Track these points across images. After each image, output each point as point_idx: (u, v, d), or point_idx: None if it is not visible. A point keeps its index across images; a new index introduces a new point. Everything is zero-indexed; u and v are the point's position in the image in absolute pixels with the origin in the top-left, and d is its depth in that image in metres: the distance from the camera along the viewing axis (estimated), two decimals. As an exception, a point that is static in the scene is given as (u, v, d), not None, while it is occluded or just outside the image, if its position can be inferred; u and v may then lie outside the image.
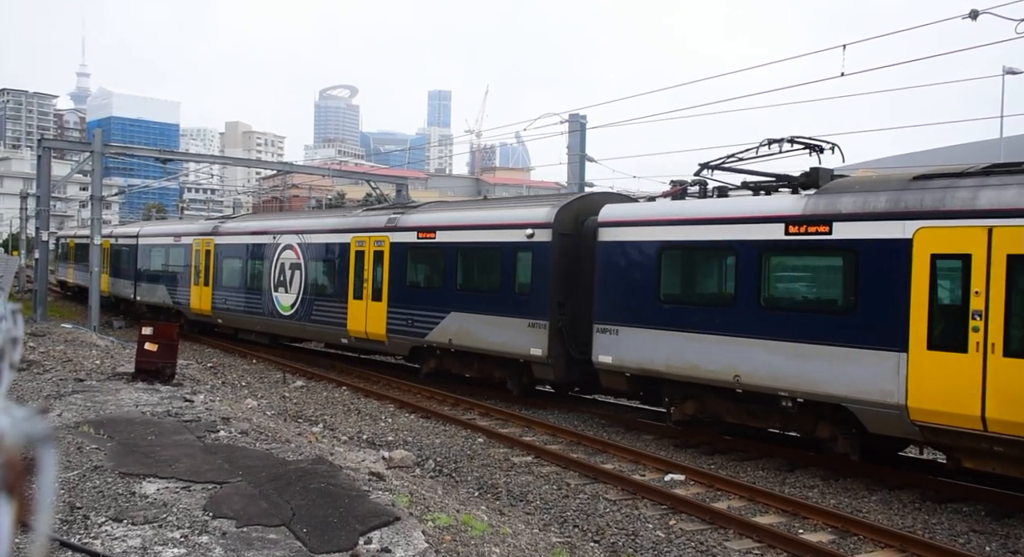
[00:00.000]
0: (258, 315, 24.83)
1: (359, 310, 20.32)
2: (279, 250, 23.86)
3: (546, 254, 15.95)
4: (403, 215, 19.72)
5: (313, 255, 22.49)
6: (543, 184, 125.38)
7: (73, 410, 12.09)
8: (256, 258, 25.08)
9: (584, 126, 34.25)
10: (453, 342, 17.68)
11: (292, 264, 23.13)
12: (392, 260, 19.49)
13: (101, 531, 6.81)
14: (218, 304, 27.03)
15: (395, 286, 19.38)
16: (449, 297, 17.91)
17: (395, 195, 37.12)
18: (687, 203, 13.96)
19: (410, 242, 19.10)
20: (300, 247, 22.94)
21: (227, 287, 26.61)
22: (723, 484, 11.36)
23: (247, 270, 25.60)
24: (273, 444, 10.81)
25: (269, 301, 24.12)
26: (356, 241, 20.66)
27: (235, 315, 26.33)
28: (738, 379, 12.44)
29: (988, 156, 23.60)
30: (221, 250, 27.16)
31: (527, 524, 9.66)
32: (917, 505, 10.68)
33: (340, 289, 21.11)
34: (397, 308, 19.22)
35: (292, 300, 23.02)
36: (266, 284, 24.27)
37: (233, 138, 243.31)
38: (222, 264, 26.99)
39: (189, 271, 28.90)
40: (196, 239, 28.82)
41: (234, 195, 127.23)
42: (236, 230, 27.07)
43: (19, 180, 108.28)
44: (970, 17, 15.68)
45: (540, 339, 15.80)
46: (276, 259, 23.89)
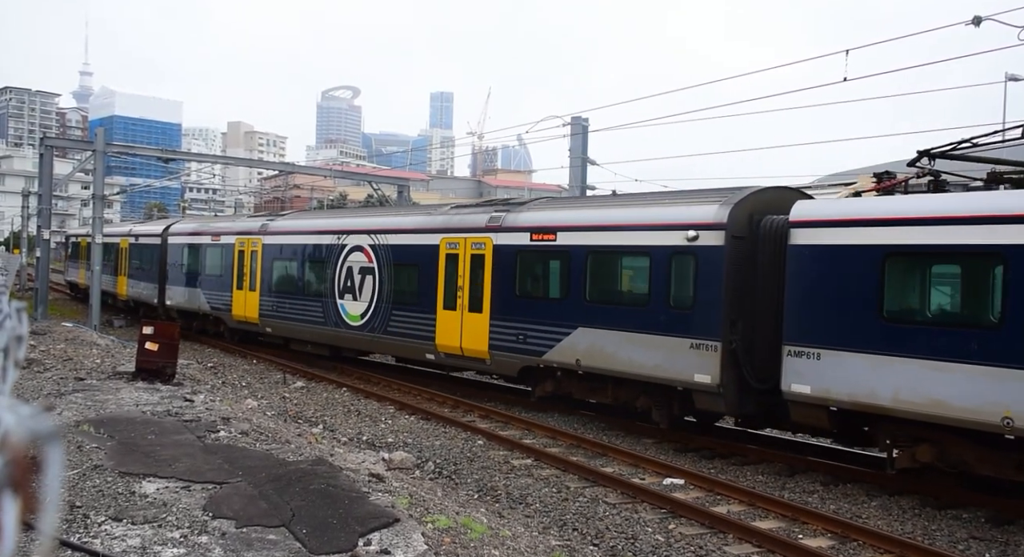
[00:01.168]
0: (317, 325, 22.05)
1: (451, 323, 17.68)
2: (346, 252, 21.08)
3: (716, 261, 13.20)
4: (509, 213, 16.98)
5: (391, 258, 19.73)
6: (545, 186, 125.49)
7: (73, 409, 12.09)
8: (315, 260, 22.32)
9: (586, 129, 34.30)
10: (582, 363, 14.92)
11: (363, 268, 20.41)
12: (496, 265, 16.80)
13: (101, 530, 6.81)
14: (266, 311, 24.23)
15: (500, 296, 16.71)
16: (577, 310, 15.17)
17: (396, 196, 37.16)
18: (925, 199, 11.42)
19: (521, 245, 16.40)
20: (374, 249, 20.14)
21: (278, 292, 23.87)
22: (723, 488, 11.35)
23: (303, 274, 22.88)
24: (273, 445, 10.80)
25: (332, 310, 21.38)
26: (447, 243, 17.97)
27: (287, 324, 23.47)
28: (1009, 422, 9.81)
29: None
30: (271, 251, 24.32)
31: (527, 527, 9.65)
32: (917, 511, 10.67)
33: (426, 298, 18.42)
34: (503, 321, 16.55)
35: (362, 309, 20.29)
36: (328, 290, 21.53)
37: (235, 138, 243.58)
38: (272, 266, 24.22)
39: (231, 274, 26.09)
40: (239, 238, 25.92)
41: (236, 195, 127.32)
42: (289, 229, 24.11)
43: (21, 178, 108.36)
44: (973, 23, 15.70)
45: (708, 363, 12.97)
46: (341, 262, 21.14)
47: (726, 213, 13.22)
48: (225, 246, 26.68)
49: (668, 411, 14.16)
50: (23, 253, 55.11)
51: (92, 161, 28.52)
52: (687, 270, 13.61)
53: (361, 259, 20.54)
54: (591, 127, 34.22)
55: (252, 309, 24.87)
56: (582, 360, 15.00)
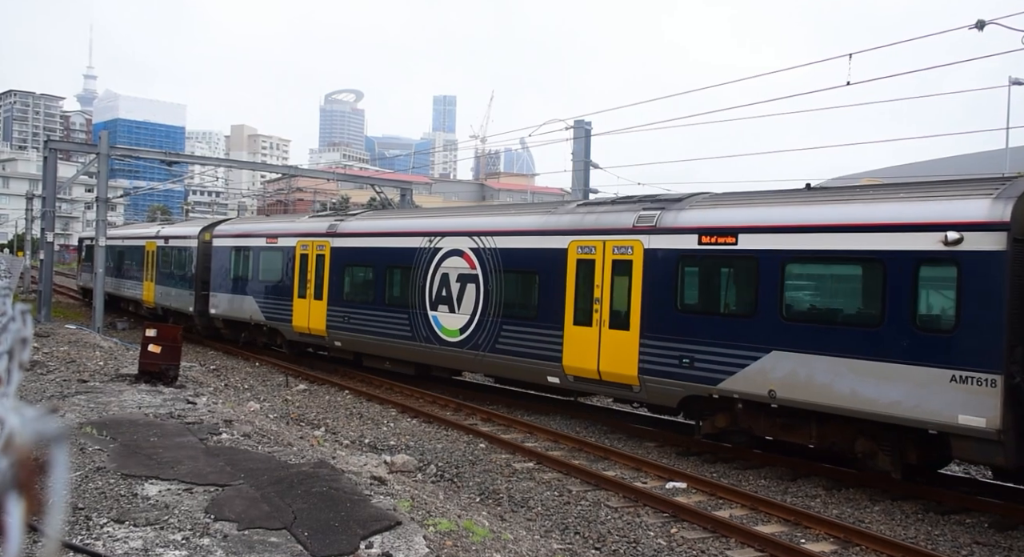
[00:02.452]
0: (401, 339, 19.42)
1: (584, 341, 15.08)
2: (440, 257, 18.48)
3: (992, 270, 10.42)
4: (666, 212, 14.28)
5: (500, 264, 17.02)
6: (547, 190, 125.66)
7: (76, 411, 12.11)
8: (399, 266, 19.76)
9: (589, 132, 34.33)
10: (777, 394, 12.15)
11: (463, 275, 17.80)
12: (649, 274, 14.12)
13: (103, 532, 6.82)
14: (336, 323, 21.54)
15: (655, 310, 14.00)
16: (770, 329, 12.46)
17: (399, 199, 37.20)
18: None
19: (685, 250, 13.74)
20: (477, 253, 17.52)
21: (351, 302, 21.22)
22: (725, 492, 11.34)
23: (384, 281, 20.25)
24: (275, 447, 10.81)
25: (421, 323, 18.81)
26: (578, 247, 15.36)
27: (362, 337, 20.78)
28: (773, 394, 9.89)
29: (994, 166, 23.56)
30: (342, 255, 21.73)
31: (528, 530, 9.65)
32: (920, 516, 10.65)
33: (549, 311, 15.78)
34: (660, 341, 13.88)
35: (461, 323, 17.67)
36: (416, 300, 18.97)
37: (238, 141, 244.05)
38: (343, 272, 21.66)
39: (291, 280, 23.38)
40: (302, 241, 23.19)
41: (239, 198, 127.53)
42: (364, 230, 21.46)
43: (25, 181, 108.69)
44: (977, 27, 15.70)
45: (981, 402, 10.19)
46: (435, 268, 18.56)
47: (1007, 209, 10.44)
48: (284, 249, 23.96)
49: (899, 458, 11.51)
50: (27, 256, 55.19)
51: (96, 164, 28.58)
52: (944, 282, 11.03)
53: (460, 265, 17.94)
54: (594, 131, 34.29)
55: (318, 320, 22.23)
56: (778, 391, 12.18)
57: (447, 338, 18.08)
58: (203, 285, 28.45)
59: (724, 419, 13.46)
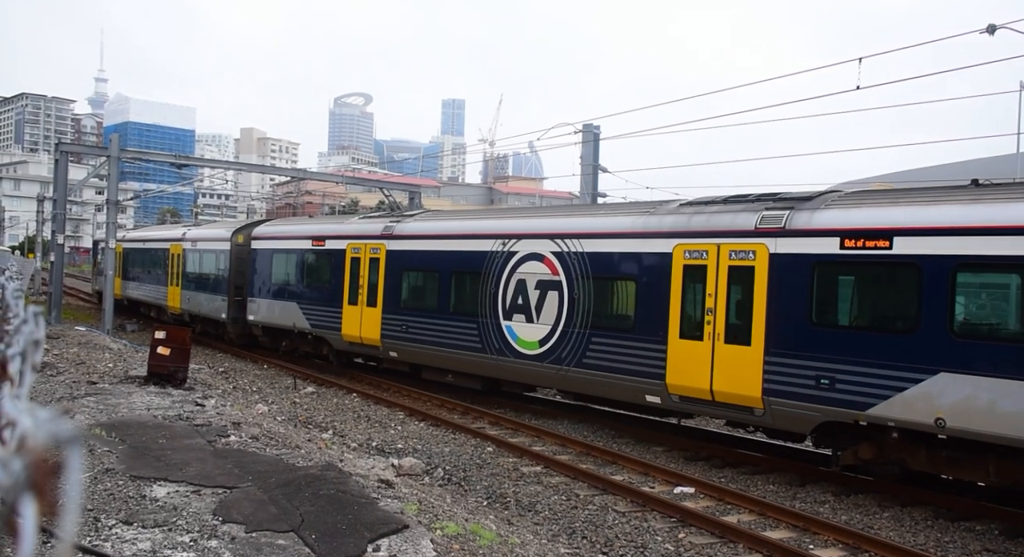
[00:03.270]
0: (468, 351, 17.78)
1: (693, 356, 13.46)
2: (515, 261, 16.82)
3: None
4: (795, 212, 12.63)
5: (588, 270, 15.36)
6: (556, 194, 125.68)
7: (85, 413, 12.16)
8: (466, 271, 18.13)
9: (597, 137, 34.36)
10: (947, 423, 10.56)
11: (543, 282, 16.13)
12: (776, 282, 12.44)
13: (111, 534, 6.84)
14: (392, 332, 19.89)
15: (783, 323, 12.40)
16: (938, 348, 10.88)
17: (408, 202, 37.25)
18: None
19: (822, 255, 12.17)
20: (560, 258, 15.85)
21: (410, 309, 19.58)
22: (733, 498, 11.30)
23: (448, 287, 18.61)
24: (283, 450, 10.83)
25: (493, 333, 17.14)
26: (685, 251, 13.73)
27: (421, 348, 19.11)
28: None
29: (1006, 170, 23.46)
30: (399, 259, 20.08)
31: (535, 534, 9.64)
32: (930, 523, 10.59)
33: (649, 323, 14.19)
34: (789, 358, 12.21)
35: (541, 334, 16.02)
36: (487, 309, 17.34)
37: (248, 144, 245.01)
38: (401, 278, 20.02)
39: (340, 286, 21.80)
40: (354, 243, 21.61)
41: (248, 201, 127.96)
42: (425, 232, 19.77)
43: (36, 184, 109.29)
44: (988, 31, 15.65)
45: None
46: (509, 273, 16.89)
47: None
48: (332, 252, 22.32)
49: None
50: (38, 258, 55.47)
51: (106, 167, 28.73)
52: None
53: (540, 270, 16.28)
54: (602, 135, 34.27)
55: (371, 329, 20.56)
56: (948, 419, 10.57)
57: (523, 351, 16.45)
58: (237, 290, 26.98)
59: (869, 449, 11.85)
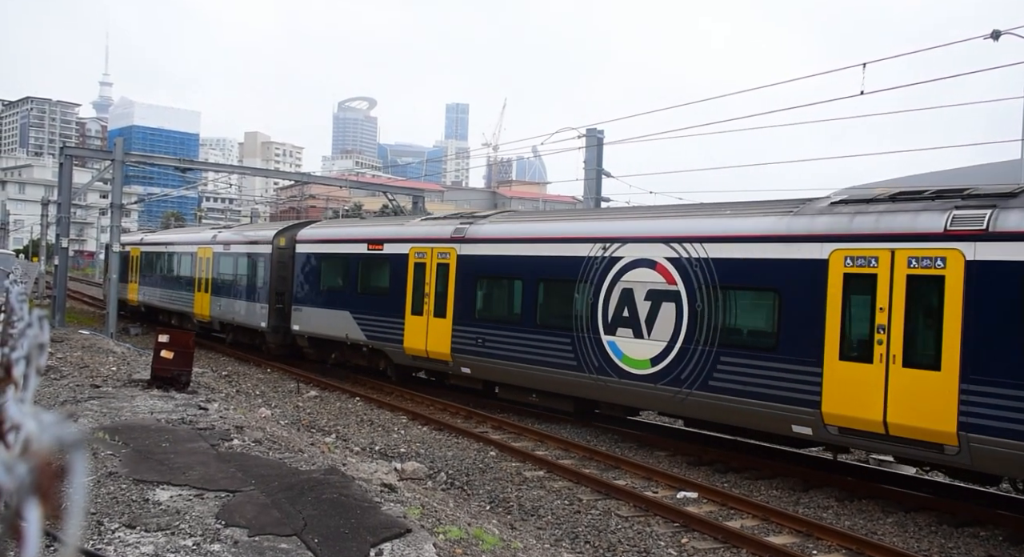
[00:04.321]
0: (560, 368, 15.76)
1: (860, 381, 11.47)
2: (619, 269, 14.85)
3: None
4: (1005, 211, 10.61)
5: (714, 278, 13.37)
6: (560, 198, 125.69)
7: (89, 416, 12.17)
8: (559, 278, 16.13)
9: (601, 141, 34.37)
10: None
11: (656, 292, 14.19)
12: (976, 293, 10.52)
13: (115, 537, 6.84)
14: (464, 345, 17.98)
15: (987, 343, 10.42)
16: None
17: (411, 206, 37.29)
18: None
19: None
20: (678, 264, 13.88)
21: (486, 321, 17.71)
22: (736, 502, 11.28)
23: (536, 297, 16.64)
24: (286, 453, 10.83)
25: (591, 349, 15.17)
26: (845, 257, 11.82)
27: (502, 364, 17.11)
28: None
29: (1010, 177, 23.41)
30: (473, 264, 18.07)
31: (538, 539, 9.63)
32: (933, 528, 10.57)
33: (798, 340, 12.22)
34: (998, 387, 10.22)
35: (654, 351, 14.09)
36: (583, 322, 15.35)
37: (252, 148, 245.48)
38: (475, 285, 18.10)
39: (402, 294, 19.87)
40: (418, 247, 19.65)
41: (252, 205, 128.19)
42: (507, 235, 17.73)
43: (41, 187, 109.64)
44: (992, 37, 15.65)
45: None
46: (611, 282, 14.91)
47: None
48: (393, 257, 20.38)
49: None
50: (42, 261, 55.62)
51: (111, 170, 28.80)
52: None
53: (651, 278, 14.31)
54: (606, 139, 34.28)
55: (439, 342, 18.62)
56: None
57: (630, 370, 14.46)
58: (278, 297, 25.07)
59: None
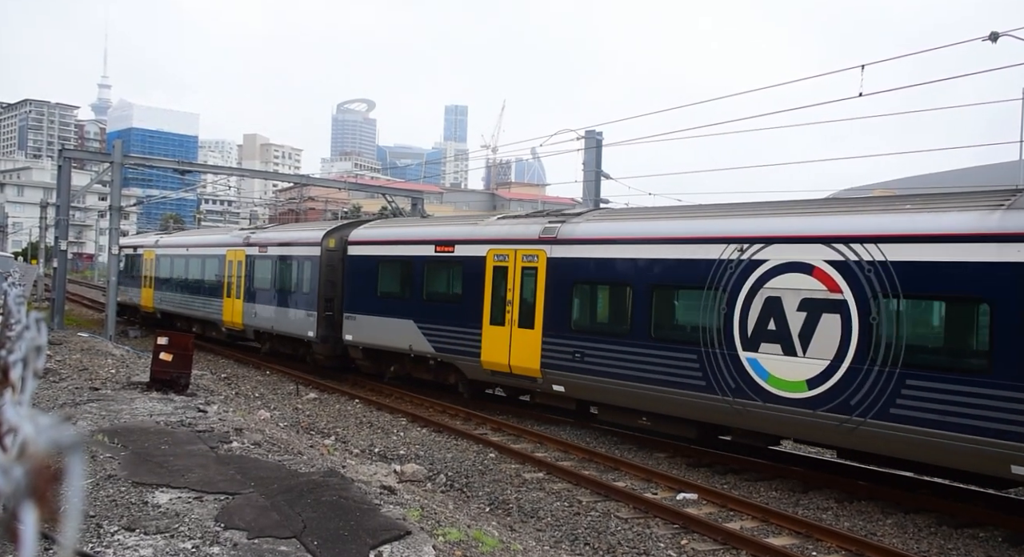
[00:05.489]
0: (683, 388, 13.66)
1: None
2: (763, 272, 12.85)
3: None
4: None
5: (895, 286, 11.27)
6: (559, 200, 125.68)
7: (88, 419, 12.16)
8: (680, 285, 14.31)
9: (600, 142, 34.33)
10: None
11: (813, 301, 12.10)
12: None
13: (113, 540, 6.83)
14: (557, 360, 16.00)
15: None
16: None
17: (410, 208, 37.28)
18: None
19: None
20: (844, 269, 11.76)
21: (584, 333, 15.65)
22: (736, 504, 11.28)
23: (650, 306, 14.48)
24: (285, 456, 10.82)
25: (728, 367, 13.07)
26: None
27: (605, 383, 14.97)
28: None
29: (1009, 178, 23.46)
30: (568, 268, 16.04)
31: (538, 541, 9.62)
32: (933, 529, 10.56)
33: (1018, 362, 10.03)
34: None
35: (813, 371, 11.97)
36: (716, 335, 13.28)
37: (251, 150, 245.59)
38: (571, 292, 15.96)
39: (478, 301, 17.91)
40: (496, 249, 17.63)
41: (251, 207, 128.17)
42: (611, 235, 15.52)
43: (39, 189, 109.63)
44: (990, 39, 15.66)
45: None
46: (751, 289, 12.91)
47: None
48: (468, 261, 18.38)
49: None
50: (40, 263, 55.61)
51: (110, 173, 28.79)
52: None
53: (808, 285, 12.19)
54: (605, 141, 34.29)
55: (526, 356, 16.56)
56: None
57: (778, 393, 12.36)
58: (327, 304, 23.05)
59: None
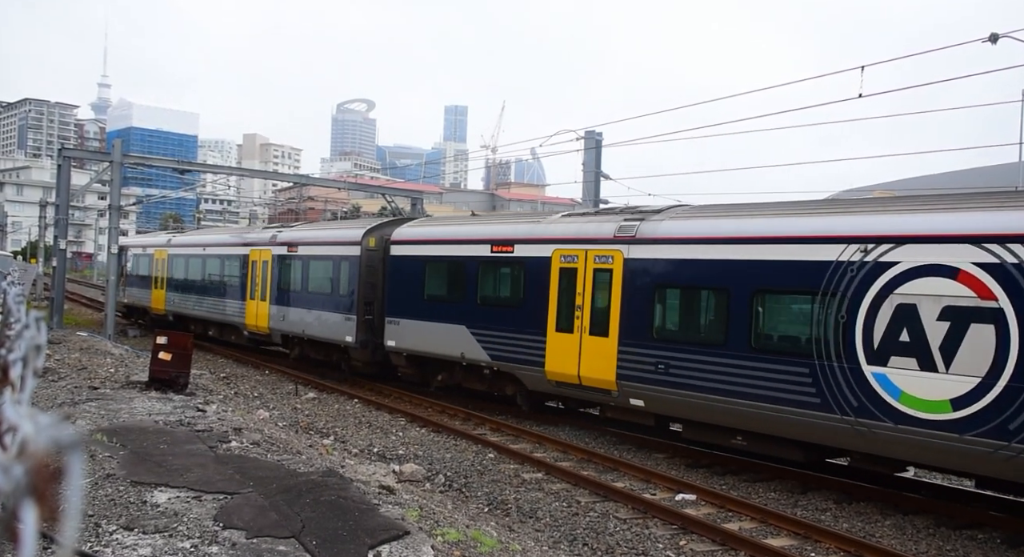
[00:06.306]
0: (791, 406, 12.08)
1: None
2: (891, 277, 11.11)
3: None
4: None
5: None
6: (558, 200, 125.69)
7: (87, 418, 12.15)
8: (786, 289, 12.73)
9: (600, 143, 34.34)
10: None
11: (957, 310, 10.54)
12: None
13: (112, 539, 6.83)
14: (635, 372, 14.48)
15: None
16: None
17: (410, 208, 37.28)
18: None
19: None
20: (999, 273, 10.25)
21: (669, 342, 14.15)
22: (735, 505, 11.28)
23: (749, 312, 12.93)
24: (284, 455, 10.82)
25: (846, 382, 11.44)
26: None
27: (693, 397, 13.50)
28: None
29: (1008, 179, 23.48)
30: (650, 271, 14.48)
31: (536, 541, 9.62)
32: (931, 531, 10.57)
33: None
34: None
35: (959, 389, 10.41)
36: (834, 346, 11.63)
37: (251, 150, 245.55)
38: (652, 297, 14.40)
39: (541, 305, 16.54)
40: (563, 249, 16.22)
41: (250, 207, 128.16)
42: (703, 234, 13.86)
43: (39, 189, 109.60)
44: (990, 41, 15.67)
45: None
46: (877, 296, 11.20)
47: None
48: (530, 262, 17.01)
49: None
50: (40, 263, 55.62)
51: (109, 172, 28.78)
52: None
53: (949, 291, 10.62)
54: (604, 141, 34.33)
55: (598, 367, 15.12)
56: None
57: (916, 413, 10.85)
58: (366, 307, 21.67)
59: None
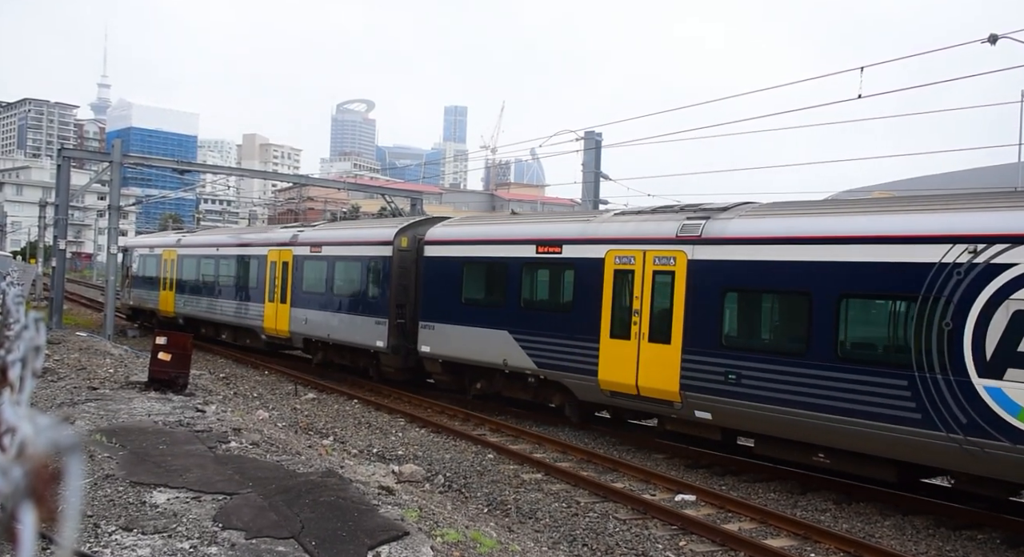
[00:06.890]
0: (883, 421, 10.94)
1: None
2: (1006, 281, 10.02)
3: None
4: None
5: None
6: (558, 200, 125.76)
7: (86, 418, 12.14)
8: (879, 293, 11.60)
9: (599, 143, 34.31)
10: None
11: None
12: None
13: (111, 540, 6.82)
14: (700, 381, 13.45)
15: None
16: None
17: (409, 209, 37.29)
18: None
19: None
20: None
21: (739, 350, 13.12)
22: (734, 505, 11.28)
23: (833, 318, 11.72)
24: (284, 456, 10.81)
25: (952, 396, 10.32)
26: None
27: (768, 411, 12.39)
28: None
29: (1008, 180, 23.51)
30: (717, 273, 13.44)
31: (536, 542, 9.62)
32: (931, 531, 10.56)
33: None
34: None
35: None
36: (937, 357, 10.54)
37: (250, 150, 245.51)
38: (720, 301, 13.41)
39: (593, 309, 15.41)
40: (617, 250, 15.10)
41: (250, 207, 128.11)
42: (777, 234, 12.75)
43: (38, 189, 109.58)
44: (989, 41, 15.68)
45: None
46: (988, 302, 10.15)
47: None
48: (580, 263, 15.81)
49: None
50: (39, 263, 55.60)
51: (109, 172, 28.76)
52: None
53: None
54: (604, 141, 34.36)
55: (659, 376, 14.01)
56: None
57: None
58: (398, 311, 20.60)
59: None
